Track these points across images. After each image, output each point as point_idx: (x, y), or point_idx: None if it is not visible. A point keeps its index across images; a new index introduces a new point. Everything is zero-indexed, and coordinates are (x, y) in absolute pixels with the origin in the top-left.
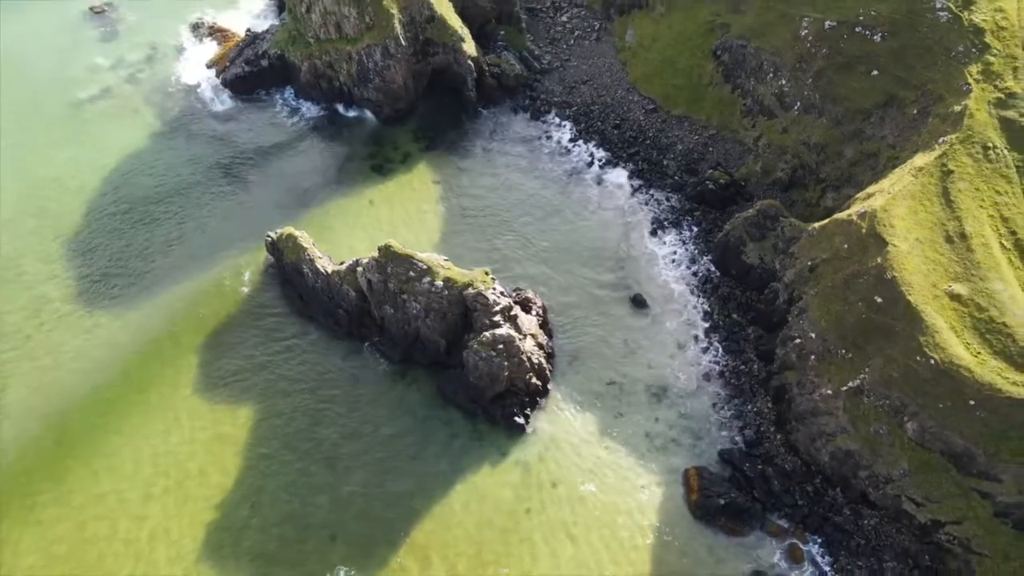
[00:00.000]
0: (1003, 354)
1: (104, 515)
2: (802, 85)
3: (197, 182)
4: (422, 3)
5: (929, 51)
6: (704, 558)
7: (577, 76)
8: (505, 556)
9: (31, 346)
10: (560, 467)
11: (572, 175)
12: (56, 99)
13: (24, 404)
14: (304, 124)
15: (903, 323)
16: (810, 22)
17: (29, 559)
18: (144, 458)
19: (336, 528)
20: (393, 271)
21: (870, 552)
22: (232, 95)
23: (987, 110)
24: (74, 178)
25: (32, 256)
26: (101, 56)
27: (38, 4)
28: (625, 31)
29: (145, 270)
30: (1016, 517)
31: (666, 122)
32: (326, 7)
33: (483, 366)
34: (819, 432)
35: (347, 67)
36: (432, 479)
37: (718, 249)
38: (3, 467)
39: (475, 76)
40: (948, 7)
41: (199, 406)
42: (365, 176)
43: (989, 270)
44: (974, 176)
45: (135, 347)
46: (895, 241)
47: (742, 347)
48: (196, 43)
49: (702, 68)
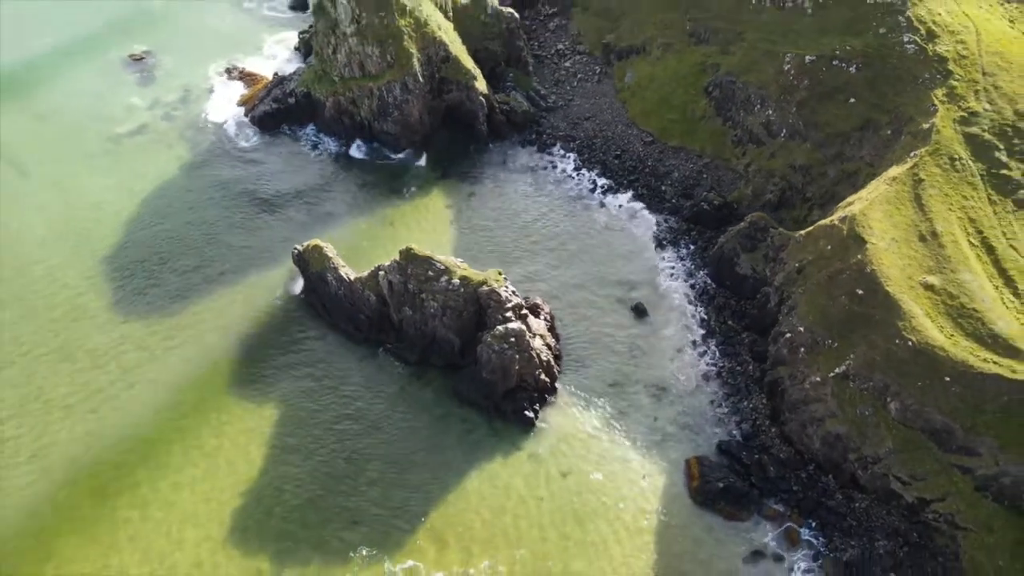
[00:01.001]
0: (974, 336)
1: (137, 502)
2: (787, 114)
3: (226, 206)
4: (438, 44)
5: (899, 79)
6: (705, 540)
7: (580, 113)
8: (517, 539)
9: (70, 349)
10: (569, 459)
11: (576, 199)
12: (96, 134)
13: (64, 401)
14: (326, 156)
15: (883, 311)
16: (792, 58)
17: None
18: (175, 450)
19: (356, 514)
20: (413, 272)
21: (862, 532)
22: (259, 131)
23: (952, 127)
24: (112, 203)
25: (72, 271)
26: (138, 97)
27: (82, 52)
28: (624, 74)
29: (179, 284)
30: (995, 490)
31: (663, 152)
32: (351, 47)
33: (496, 359)
34: (810, 418)
35: (368, 102)
36: (447, 470)
37: (713, 262)
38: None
39: (486, 112)
40: (915, 40)
41: (228, 404)
42: (384, 200)
43: (959, 264)
44: (943, 183)
45: (167, 351)
46: (873, 240)
47: (737, 350)
48: (226, 85)
49: (695, 103)
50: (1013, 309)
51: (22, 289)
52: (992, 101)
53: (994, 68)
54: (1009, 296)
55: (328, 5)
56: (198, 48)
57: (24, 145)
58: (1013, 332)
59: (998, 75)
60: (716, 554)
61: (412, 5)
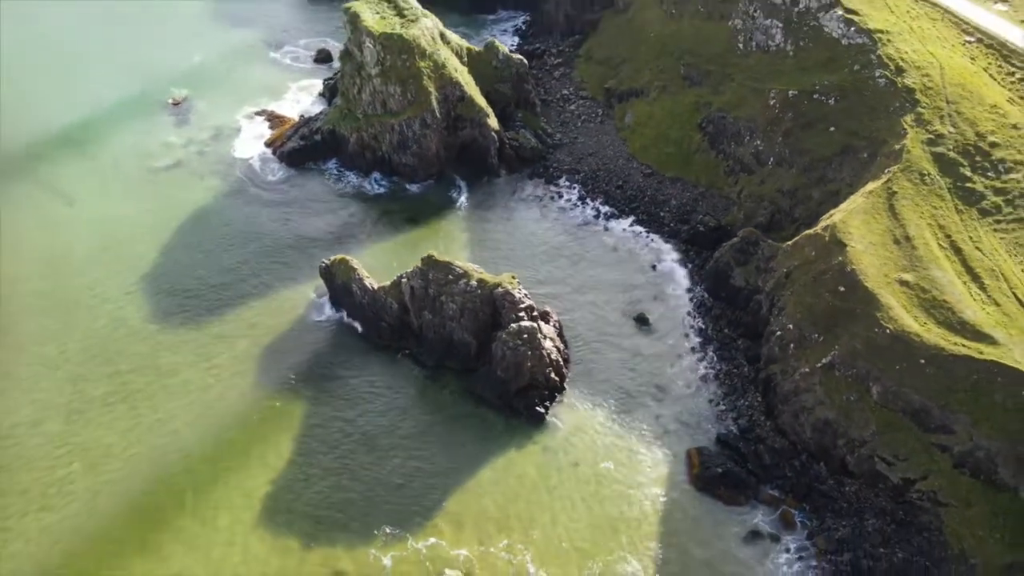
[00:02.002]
0: (945, 324)
1: (174, 490)
2: (774, 143)
3: (255, 230)
4: (455, 85)
5: (873, 109)
6: (705, 522)
7: (584, 150)
8: (529, 521)
9: (109, 354)
10: (579, 450)
11: (581, 225)
12: (135, 168)
13: (105, 400)
14: (348, 187)
15: (863, 305)
16: (777, 93)
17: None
18: (208, 442)
19: (379, 498)
20: (434, 276)
21: (853, 513)
22: (285, 166)
23: (921, 147)
24: (150, 227)
25: (111, 284)
26: (174, 136)
27: (127, 97)
28: (624, 114)
29: (213, 297)
30: (971, 465)
31: (661, 183)
32: (375, 87)
33: (510, 355)
34: (801, 408)
35: (389, 137)
36: (464, 460)
37: (709, 276)
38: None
39: (497, 147)
40: (885, 75)
41: (259, 402)
42: (402, 225)
43: (930, 263)
44: (914, 195)
45: (201, 357)
46: (853, 243)
47: (733, 354)
48: (254, 126)
49: (690, 138)
50: (979, 301)
51: (67, 302)
52: (956, 125)
53: (957, 97)
54: (976, 290)
55: (355, 50)
56: (230, 94)
57: (71, 178)
58: (980, 320)
59: (960, 103)
60: (716, 534)
61: (431, 49)
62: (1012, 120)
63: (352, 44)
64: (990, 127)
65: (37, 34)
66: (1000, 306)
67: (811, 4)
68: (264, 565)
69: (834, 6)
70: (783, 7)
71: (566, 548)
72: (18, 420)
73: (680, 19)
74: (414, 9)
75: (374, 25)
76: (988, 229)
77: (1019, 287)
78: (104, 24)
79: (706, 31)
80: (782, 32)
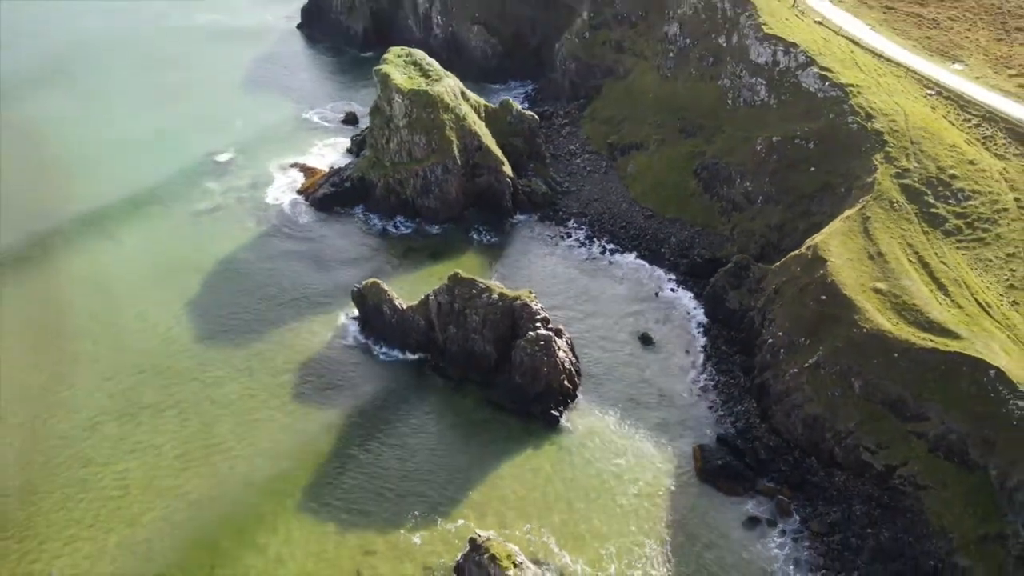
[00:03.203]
0: (915, 323)
1: (220, 480)
2: (762, 184)
3: (288, 264)
4: (473, 136)
5: (847, 150)
6: (709, 510)
7: (590, 196)
8: (546, 511)
9: (159, 368)
10: (591, 449)
11: (589, 260)
12: (179, 211)
13: (155, 408)
14: (374, 229)
15: (843, 310)
16: (763, 140)
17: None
18: (249, 442)
19: (405, 491)
20: (459, 292)
21: (842, 500)
22: (315, 211)
23: (890, 180)
24: (192, 261)
25: (159, 310)
26: (215, 185)
27: (175, 154)
28: (627, 165)
29: (251, 320)
30: (944, 448)
31: (662, 223)
32: (402, 137)
33: (527, 361)
34: (792, 406)
35: (414, 182)
36: (484, 457)
37: (707, 300)
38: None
39: (511, 192)
40: (857, 121)
41: (296, 409)
42: (425, 260)
43: (901, 274)
44: (885, 219)
45: (242, 371)
46: (832, 259)
47: (730, 367)
48: (287, 176)
49: (687, 183)
50: (944, 305)
51: (119, 325)
52: (920, 161)
53: (920, 138)
54: (941, 296)
55: (384, 105)
56: (266, 150)
57: (123, 221)
58: (944, 319)
59: (923, 143)
60: (719, 520)
61: (453, 104)
62: (969, 157)
63: (382, 100)
64: (950, 163)
65: (101, 107)
66: (963, 308)
67: (790, 64)
68: (304, 547)
69: (810, 65)
70: (766, 67)
71: (583, 531)
72: (77, 423)
73: (675, 81)
74: (437, 71)
75: (403, 83)
76: (951, 247)
77: (979, 293)
78: (157, 94)
79: (699, 90)
80: (766, 88)
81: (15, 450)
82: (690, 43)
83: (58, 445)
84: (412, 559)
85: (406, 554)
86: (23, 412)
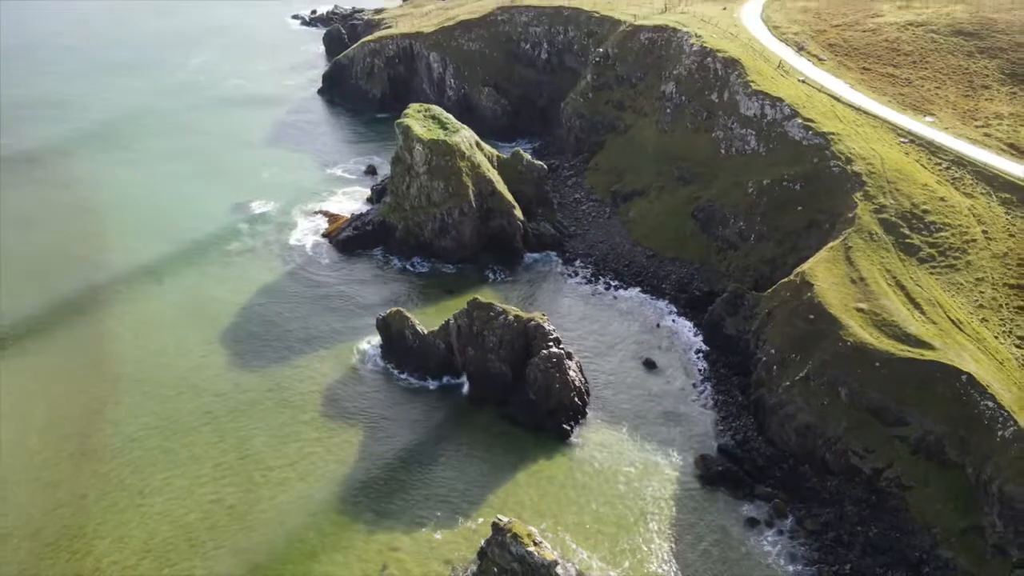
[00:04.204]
0: (894, 337)
1: (252, 485)
2: (754, 223)
3: (313, 300)
4: (487, 181)
5: (830, 190)
6: (712, 512)
7: (595, 239)
8: (559, 511)
9: (198, 390)
10: (601, 460)
11: (594, 295)
12: (212, 253)
13: (204, 414)
14: (393, 268)
15: (829, 327)
16: (754, 184)
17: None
18: (280, 453)
19: (427, 495)
20: (477, 315)
21: (835, 502)
22: (338, 252)
23: (869, 215)
24: (225, 296)
25: (195, 339)
26: (245, 229)
27: (208, 203)
28: (629, 211)
29: (280, 348)
30: (925, 449)
31: (662, 262)
32: (422, 183)
33: (540, 377)
34: (785, 416)
35: (432, 224)
36: (502, 467)
37: (706, 327)
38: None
39: (522, 234)
40: (838, 164)
41: (321, 425)
42: (441, 295)
43: (880, 295)
44: (865, 249)
45: (273, 392)
46: (818, 283)
47: (729, 388)
48: (310, 221)
49: (685, 225)
50: (920, 321)
51: (158, 352)
52: (895, 198)
53: (895, 178)
54: (917, 314)
55: (406, 155)
56: (292, 198)
57: (161, 262)
58: (920, 333)
59: (898, 183)
60: (721, 520)
61: (469, 153)
62: (940, 195)
63: (403, 150)
64: (923, 200)
65: (142, 166)
66: (936, 324)
67: (777, 116)
68: (334, 542)
69: (795, 116)
70: (755, 120)
71: (596, 529)
72: (126, 435)
73: (672, 134)
74: (454, 124)
75: (423, 134)
76: (925, 272)
77: (951, 311)
78: (190, 154)
79: (694, 141)
80: (755, 138)
81: (68, 458)
82: (685, 100)
83: (107, 455)
84: (435, 553)
85: (429, 549)
86: (75, 426)
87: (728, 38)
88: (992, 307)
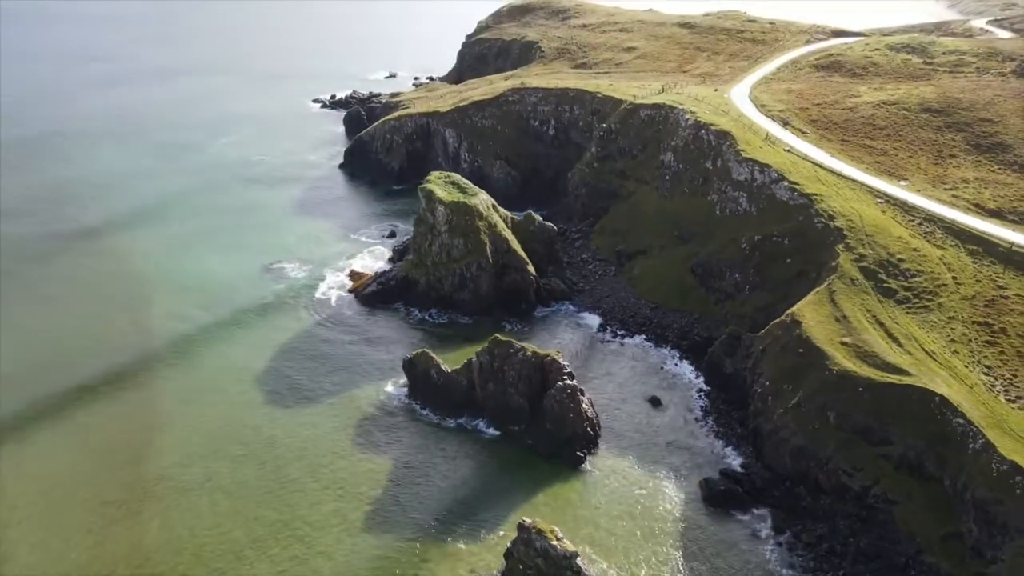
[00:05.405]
0: (874, 365)
1: (289, 504)
2: (749, 275)
3: (341, 345)
4: (502, 239)
5: (815, 244)
6: (716, 528)
7: (602, 294)
8: (575, 527)
9: (234, 426)
10: (613, 485)
11: (602, 342)
12: (244, 304)
13: (232, 453)
14: (414, 320)
15: (817, 358)
16: (747, 240)
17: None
18: (316, 477)
19: (453, 512)
20: (498, 352)
21: (828, 518)
22: (361, 305)
23: (850, 263)
24: (257, 346)
25: (231, 384)
26: (274, 284)
27: (240, 266)
28: (632, 269)
29: (311, 386)
30: (906, 464)
31: (664, 313)
32: (443, 240)
33: (556, 408)
34: (780, 441)
35: (451, 279)
36: (521, 489)
37: (706, 368)
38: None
39: (535, 288)
40: (822, 221)
41: (353, 453)
42: (460, 343)
43: (862, 331)
44: (848, 292)
45: (305, 426)
46: (806, 321)
47: (729, 421)
48: (336, 280)
49: (685, 279)
50: (897, 352)
51: (197, 396)
52: (873, 249)
53: (872, 232)
54: (895, 346)
55: (428, 216)
56: (317, 259)
57: (197, 320)
58: (898, 362)
59: (875, 236)
60: (725, 535)
61: (487, 213)
62: (913, 246)
63: (426, 212)
64: (898, 250)
65: (182, 238)
66: (912, 355)
67: (765, 180)
68: (367, 553)
69: (781, 180)
70: (746, 183)
71: (611, 544)
72: (171, 462)
73: (672, 198)
74: (472, 188)
75: (445, 196)
76: (902, 312)
77: (926, 344)
78: (225, 226)
79: (692, 204)
80: (747, 200)
81: (120, 483)
82: (682, 167)
83: (157, 479)
84: (462, 562)
85: (456, 559)
86: (127, 454)
87: (720, 114)
88: (963, 341)
